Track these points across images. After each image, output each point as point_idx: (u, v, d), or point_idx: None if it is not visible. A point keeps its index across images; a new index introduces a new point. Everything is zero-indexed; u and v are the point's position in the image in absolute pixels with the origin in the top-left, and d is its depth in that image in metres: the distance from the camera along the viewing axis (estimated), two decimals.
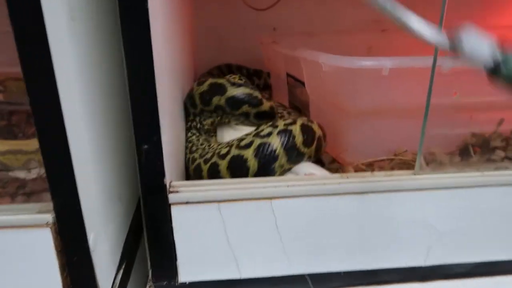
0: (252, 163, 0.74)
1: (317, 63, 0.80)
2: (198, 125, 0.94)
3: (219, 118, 0.89)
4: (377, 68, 0.73)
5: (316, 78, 0.85)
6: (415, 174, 0.63)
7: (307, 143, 0.75)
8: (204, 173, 0.77)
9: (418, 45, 0.45)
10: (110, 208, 0.62)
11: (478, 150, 0.84)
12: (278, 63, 1.17)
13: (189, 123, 0.96)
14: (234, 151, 0.74)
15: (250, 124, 0.87)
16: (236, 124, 0.90)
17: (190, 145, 0.89)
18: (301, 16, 1.58)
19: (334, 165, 0.88)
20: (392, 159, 0.83)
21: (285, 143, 0.73)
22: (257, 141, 0.74)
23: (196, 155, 0.82)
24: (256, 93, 0.85)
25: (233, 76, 1.02)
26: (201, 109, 0.91)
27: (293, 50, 0.95)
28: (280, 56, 1.11)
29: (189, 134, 0.94)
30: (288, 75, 1.11)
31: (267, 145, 0.73)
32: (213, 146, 0.85)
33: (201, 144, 0.88)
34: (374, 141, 0.84)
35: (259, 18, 1.57)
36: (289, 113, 1.01)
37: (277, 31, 1.62)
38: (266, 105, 0.86)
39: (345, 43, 1.37)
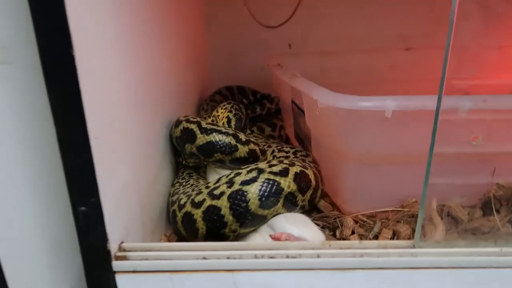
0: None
1: (312, 98, 0.70)
2: (184, 162, 0.86)
3: (198, 161, 0.81)
4: (379, 110, 0.62)
5: (314, 113, 0.74)
6: (414, 247, 0.52)
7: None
8: (179, 223, 0.69)
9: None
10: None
11: (504, 205, 0.71)
12: (283, 88, 1.07)
13: (179, 158, 0.88)
14: (208, 200, 0.66)
15: (229, 169, 0.78)
16: (215, 167, 0.81)
17: (176, 183, 0.81)
18: (318, 33, 1.47)
19: (332, 214, 0.77)
20: (398, 211, 0.71)
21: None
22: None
23: (175, 197, 0.74)
24: (229, 139, 0.76)
25: (224, 106, 0.94)
26: (180, 151, 0.83)
27: (291, 78, 0.85)
28: (284, 81, 1.01)
29: (181, 170, 0.86)
30: (293, 102, 1.00)
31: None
32: (197, 185, 0.77)
33: (186, 182, 0.80)
34: (379, 188, 0.72)
35: (274, 34, 1.47)
36: (279, 151, 0.90)
37: (292, 48, 1.52)
38: (243, 150, 0.76)
39: (366, 62, 1.25)
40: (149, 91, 0.70)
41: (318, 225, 0.75)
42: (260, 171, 0.67)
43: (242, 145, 0.76)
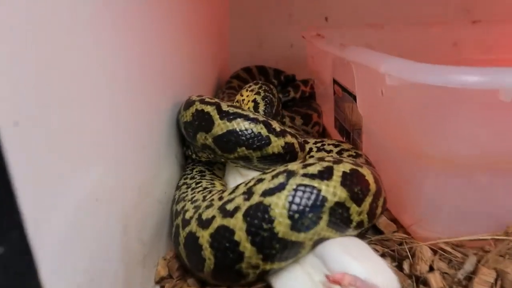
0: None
1: (376, 72, 0.47)
2: (194, 156, 0.66)
3: (212, 156, 0.60)
4: (489, 90, 0.39)
5: (374, 95, 0.52)
6: None
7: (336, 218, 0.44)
8: (181, 246, 0.49)
9: None
10: None
11: None
12: (323, 64, 0.84)
13: (187, 150, 0.68)
14: (218, 217, 0.45)
15: (257, 169, 0.57)
16: (237, 166, 0.60)
17: (182, 185, 0.60)
18: (362, 3, 1.23)
19: (396, 236, 0.55)
20: (502, 240, 0.49)
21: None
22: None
23: (180, 206, 0.54)
24: (259, 128, 0.54)
25: (250, 87, 0.72)
26: (189, 142, 0.63)
27: (341, 48, 0.63)
28: (325, 55, 0.78)
29: (189, 166, 0.66)
30: (335, 82, 0.78)
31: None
32: (209, 190, 0.56)
33: (197, 184, 0.59)
34: (472, 206, 0.50)
35: (307, 5, 1.24)
36: (318, 150, 0.67)
37: (329, 22, 1.28)
38: (277, 144, 0.55)
39: (423, 39, 1.00)
40: (145, 63, 0.49)
41: (376, 251, 0.54)
42: (290, 174, 0.45)
43: (277, 136, 0.55)
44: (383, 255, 0.54)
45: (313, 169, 0.46)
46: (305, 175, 0.45)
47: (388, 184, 0.56)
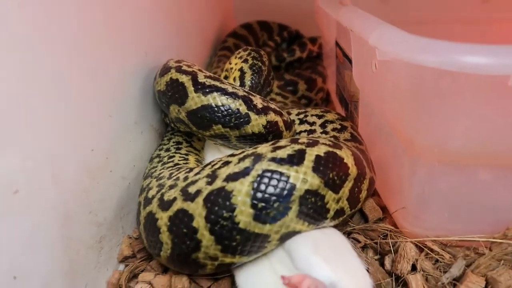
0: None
1: (367, 43, 0.40)
2: (172, 124, 0.61)
3: (188, 130, 0.54)
4: (496, 75, 0.32)
5: (368, 68, 0.45)
6: None
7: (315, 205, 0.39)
8: (141, 226, 0.45)
9: None
10: None
11: None
12: (327, 22, 0.75)
13: (166, 118, 0.63)
14: (179, 199, 0.41)
15: (237, 148, 0.51)
16: (216, 144, 0.55)
17: (155, 157, 0.56)
18: None
19: (381, 227, 0.50)
20: (497, 243, 0.43)
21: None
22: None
23: (147, 182, 0.50)
24: (237, 104, 0.48)
25: (239, 54, 0.64)
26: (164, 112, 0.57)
27: (337, 6, 0.54)
28: (326, 12, 0.69)
29: (167, 135, 0.61)
30: (338, 45, 0.70)
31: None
32: (178, 167, 0.51)
33: (169, 158, 0.55)
34: (467, 203, 0.43)
35: None
36: (300, 122, 0.60)
37: None
38: (257, 122, 0.49)
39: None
40: (111, 10, 0.43)
41: (358, 241, 0.49)
42: (257, 157, 0.40)
43: (257, 114, 0.49)
44: (365, 247, 0.49)
45: (282, 153, 0.40)
46: (273, 159, 0.40)
47: (379, 165, 0.50)
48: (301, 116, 0.60)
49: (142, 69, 0.53)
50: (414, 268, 0.44)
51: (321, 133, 0.57)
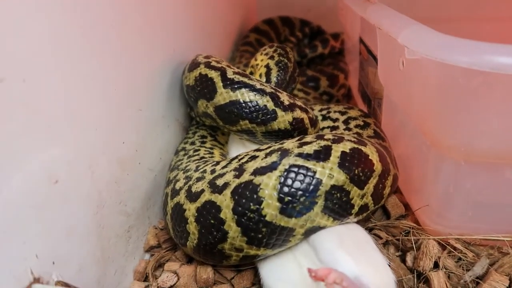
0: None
1: (395, 41, 0.40)
2: (198, 118, 0.62)
3: (215, 125, 0.55)
4: None
5: (395, 66, 0.45)
6: None
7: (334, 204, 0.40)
8: (168, 217, 0.47)
9: None
10: None
11: None
12: (351, 19, 0.75)
13: (191, 112, 0.64)
14: (207, 191, 0.42)
15: (262, 144, 0.52)
16: (242, 138, 0.56)
17: (181, 150, 0.57)
18: None
19: (403, 224, 0.50)
20: None
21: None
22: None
23: (174, 174, 0.51)
24: (265, 101, 0.49)
25: (265, 50, 0.64)
26: (192, 107, 0.58)
27: (362, 4, 0.54)
28: (350, 8, 0.69)
29: (192, 128, 0.63)
30: (362, 41, 0.69)
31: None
32: (205, 160, 0.53)
33: (195, 152, 0.56)
34: (493, 203, 0.43)
35: None
36: (323, 118, 0.61)
37: None
38: (284, 119, 0.49)
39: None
40: (141, 10, 0.44)
41: (379, 237, 0.50)
42: (284, 153, 0.41)
43: (284, 111, 0.50)
44: (386, 243, 0.50)
45: (309, 149, 0.41)
46: (299, 154, 0.41)
47: (402, 162, 0.51)
48: (324, 112, 0.61)
49: (170, 65, 0.55)
50: (436, 265, 0.44)
51: (344, 129, 0.58)
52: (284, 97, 0.51)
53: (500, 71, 0.31)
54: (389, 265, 0.42)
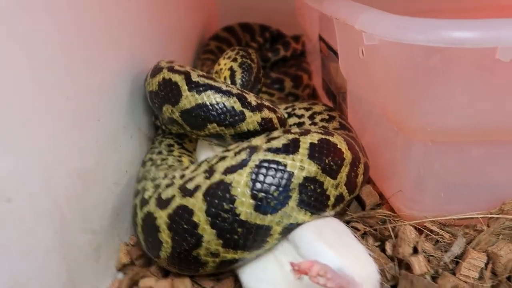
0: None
1: (353, 29, 0.40)
2: (164, 126, 0.60)
3: (182, 131, 0.54)
4: (484, 48, 0.32)
5: (355, 56, 0.45)
6: None
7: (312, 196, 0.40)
8: (139, 229, 0.45)
9: None
10: None
11: None
12: (309, 17, 0.76)
13: (156, 120, 0.62)
14: (178, 196, 0.41)
15: (228, 145, 0.51)
16: (210, 144, 0.54)
17: (148, 161, 0.55)
18: None
19: (379, 213, 0.50)
20: (495, 218, 0.43)
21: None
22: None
23: (141, 185, 0.49)
24: (232, 102, 0.48)
25: (227, 54, 0.63)
26: (157, 113, 0.57)
27: (320, 0, 0.54)
28: (311, 8, 0.69)
29: (158, 137, 0.60)
30: (321, 39, 0.70)
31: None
32: (176, 167, 0.51)
33: (163, 160, 0.54)
34: (462, 181, 0.44)
35: None
36: (288, 115, 0.60)
37: None
38: (252, 120, 0.48)
39: None
40: (95, 13, 0.42)
41: (357, 229, 0.49)
42: (253, 149, 0.41)
43: (252, 111, 0.49)
44: (364, 234, 0.49)
45: (277, 143, 0.41)
46: (268, 149, 0.40)
47: (371, 151, 0.51)
48: (289, 110, 0.60)
49: (129, 74, 0.53)
50: (415, 250, 0.44)
51: (310, 124, 0.58)
52: (251, 98, 0.50)
53: (456, 46, 0.32)
54: (370, 255, 0.41)
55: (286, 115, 0.60)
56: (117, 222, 0.48)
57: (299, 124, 0.58)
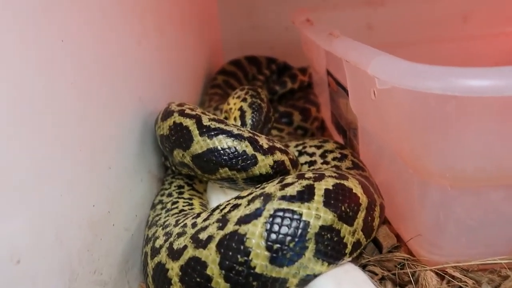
0: None
1: (365, 73, 0.40)
2: (174, 168, 0.60)
3: (193, 174, 0.53)
4: (501, 96, 0.31)
5: (367, 96, 0.45)
6: None
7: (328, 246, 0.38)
8: (150, 279, 0.43)
9: None
10: None
11: None
12: (316, 52, 0.76)
13: (166, 161, 0.62)
14: (190, 247, 0.39)
15: (242, 190, 0.50)
16: (222, 187, 0.54)
17: (158, 204, 0.54)
18: None
19: (397, 256, 0.48)
20: None
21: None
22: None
23: (152, 231, 0.48)
24: (243, 146, 0.48)
25: (236, 94, 0.64)
26: (167, 156, 0.56)
27: (327, 38, 0.54)
28: (315, 44, 0.70)
29: (167, 178, 0.60)
30: (329, 74, 0.70)
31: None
32: (185, 213, 0.50)
33: (173, 204, 0.53)
34: (484, 225, 0.42)
35: None
36: (299, 154, 0.60)
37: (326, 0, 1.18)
38: (265, 163, 0.48)
39: (429, 13, 0.89)
40: (104, 60, 0.42)
41: (375, 274, 0.47)
42: (267, 197, 0.40)
43: (264, 154, 0.48)
44: (383, 279, 0.47)
45: (291, 190, 0.40)
46: (283, 197, 0.39)
47: (386, 190, 0.49)
48: (300, 147, 0.60)
49: (137, 115, 0.53)
50: None
51: (322, 163, 0.57)
52: (263, 141, 0.49)
53: (472, 94, 0.31)
54: None
55: (296, 153, 0.59)
56: (127, 269, 0.47)
57: (311, 163, 0.57)
